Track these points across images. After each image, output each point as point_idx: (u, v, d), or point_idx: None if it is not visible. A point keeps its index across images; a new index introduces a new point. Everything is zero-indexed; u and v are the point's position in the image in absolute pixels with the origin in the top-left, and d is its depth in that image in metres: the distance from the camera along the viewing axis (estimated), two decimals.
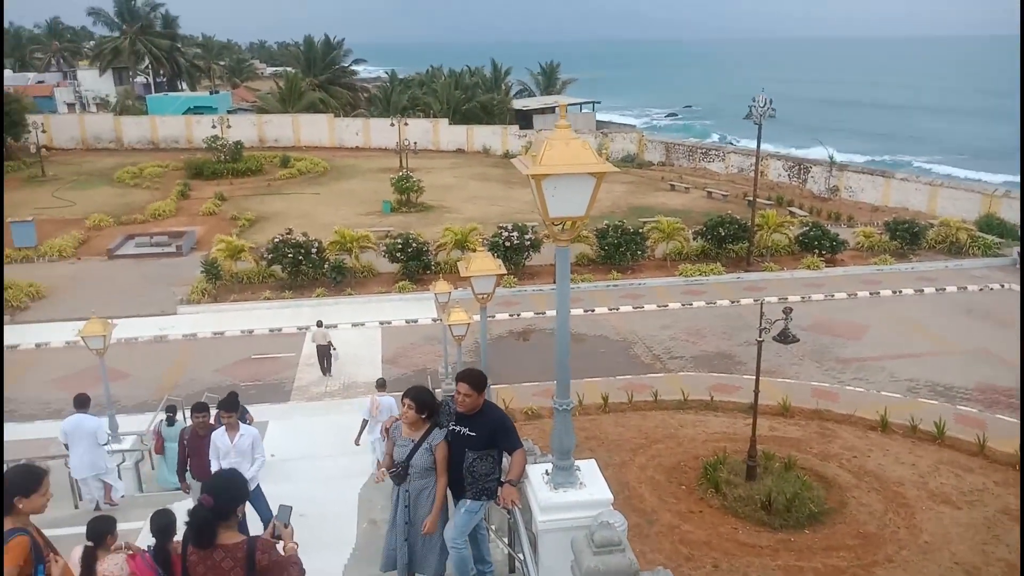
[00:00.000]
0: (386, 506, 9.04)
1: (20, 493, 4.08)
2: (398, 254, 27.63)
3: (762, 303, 14.70)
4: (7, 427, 17.61)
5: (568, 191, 4.50)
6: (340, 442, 15.63)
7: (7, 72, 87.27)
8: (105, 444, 11.26)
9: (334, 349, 21.13)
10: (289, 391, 20.26)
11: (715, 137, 69.39)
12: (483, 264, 9.48)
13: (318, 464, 13.47)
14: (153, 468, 13.15)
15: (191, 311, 25.44)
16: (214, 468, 8.24)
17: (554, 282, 18.64)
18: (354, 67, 77.74)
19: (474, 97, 62.95)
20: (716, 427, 17.63)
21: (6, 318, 24.64)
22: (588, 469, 5.40)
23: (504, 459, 5.92)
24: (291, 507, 4.69)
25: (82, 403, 11.14)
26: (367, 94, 75.28)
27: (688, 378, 20.27)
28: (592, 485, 5.27)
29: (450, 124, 58.86)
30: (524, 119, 60.73)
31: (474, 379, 5.81)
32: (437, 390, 15.34)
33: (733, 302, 26.12)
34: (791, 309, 14.41)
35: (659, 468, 15.66)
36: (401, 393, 6.28)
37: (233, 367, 21.73)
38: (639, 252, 28.87)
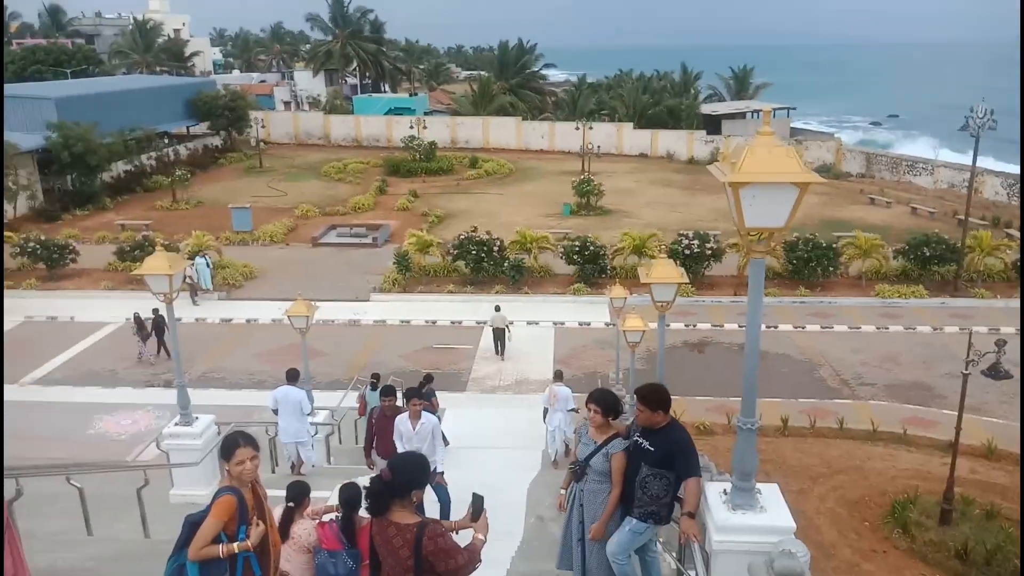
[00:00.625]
0: (554, 503, 9.16)
1: (223, 458, 4.52)
2: (575, 256, 27.85)
3: (970, 332, 13.41)
4: (217, 392, 19.67)
5: (768, 201, 4.34)
6: (510, 435, 16.04)
7: (235, 72, 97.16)
8: (308, 415, 12.32)
9: (510, 332, 21.90)
10: (465, 381, 21.03)
11: (921, 149, 63.84)
12: (665, 271, 9.34)
13: (489, 454, 13.86)
14: (342, 441, 14.15)
15: (382, 299, 27.08)
16: (399, 450, 8.70)
17: (734, 294, 18.18)
18: (544, 71, 79.21)
19: (661, 101, 62.12)
20: (907, 463, 16.27)
21: (225, 294, 27.43)
22: (770, 493, 5.18)
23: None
24: (483, 497, 4.75)
25: (292, 377, 12.41)
26: (554, 98, 76.48)
27: (879, 407, 18.87)
28: (773, 510, 5.05)
29: (634, 128, 58.45)
30: (712, 124, 59.10)
31: (648, 395, 5.72)
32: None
33: (935, 329, 23.98)
34: (1005, 342, 13.03)
35: (841, 501, 14.71)
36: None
37: (416, 354, 22.86)
38: (831, 268, 27.23)
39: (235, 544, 4.33)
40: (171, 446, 9.10)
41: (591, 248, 27.80)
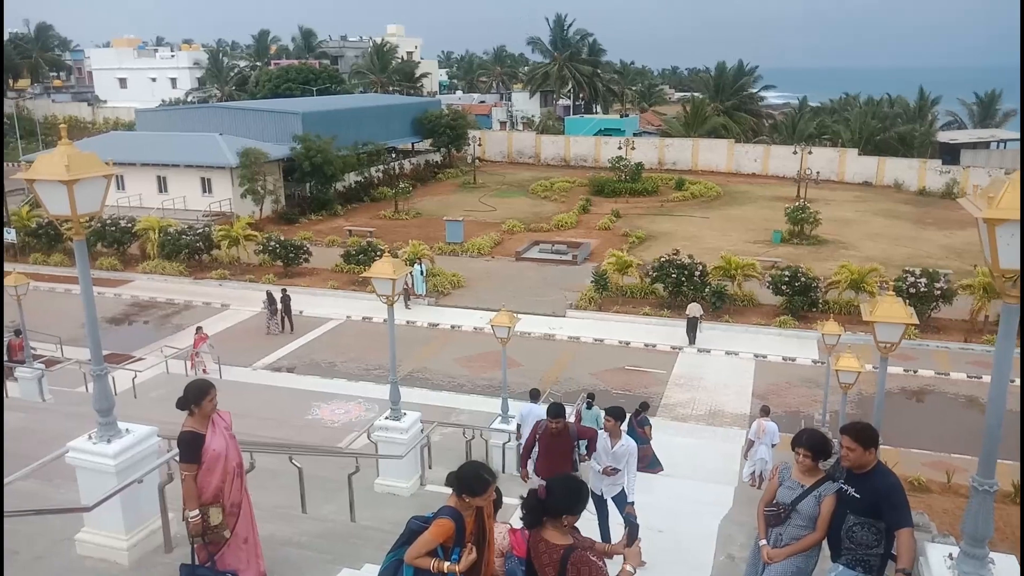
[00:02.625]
0: (746, 544, 8.72)
1: (467, 492, 4.57)
2: (783, 287, 26.47)
3: None
4: (421, 392, 20.77)
5: None
6: (701, 467, 15.51)
7: (458, 92, 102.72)
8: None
9: (701, 324, 24.63)
10: (656, 407, 20.62)
11: None
12: (891, 310, 8.60)
13: (677, 484, 13.49)
14: None
15: (578, 316, 27.33)
16: (595, 466, 8.70)
17: (964, 340, 16.45)
18: (762, 93, 76.32)
19: (892, 127, 57.65)
20: None
21: (434, 300, 29.00)
22: (1006, 566, 4.60)
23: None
24: (639, 526, 4.65)
25: (535, 396, 13.71)
26: (771, 121, 73.46)
27: None
28: None
29: (859, 155, 54.65)
30: (949, 153, 53.86)
31: (860, 433, 5.33)
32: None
33: None
34: None
35: None
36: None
37: (607, 373, 22.81)
38: None
39: (445, 564, 4.51)
40: (380, 438, 9.73)
41: (802, 279, 26.29)
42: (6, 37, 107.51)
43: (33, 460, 8.74)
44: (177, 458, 6.53)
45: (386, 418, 9.83)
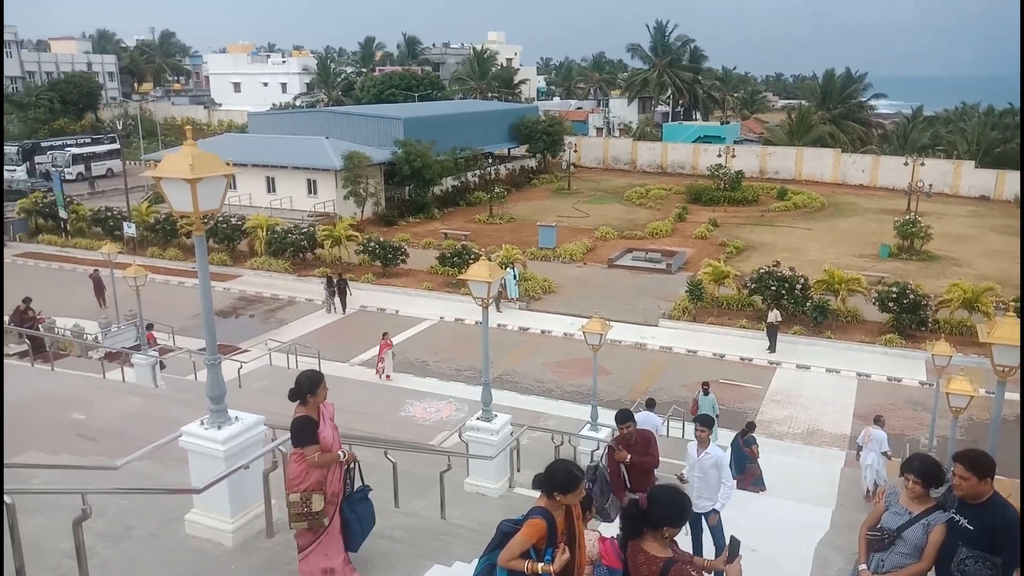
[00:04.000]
0: (844, 569, 8.40)
1: (558, 489, 4.56)
2: (890, 303, 25.29)
3: None
4: (510, 395, 20.90)
5: None
6: (797, 486, 15.01)
7: (555, 99, 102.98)
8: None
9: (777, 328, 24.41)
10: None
11: None
12: (1012, 332, 8.08)
13: (773, 502, 13.10)
14: None
15: (670, 325, 26.91)
16: (687, 474, 8.58)
17: None
18: (872, 102, 73.22)
19: (1013, 139, 54.20)
20: None
21: (524, 304, 29.15)
22: None
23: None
24: (740, 542, 4.53)
25: (651, 404, 14.92)
26: (881, 130, 70.44)
27: None
28: None
29: (976, 167, 51.68)
30: None
31: (975, 462, 5.03)
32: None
33: None
34: None
35: None
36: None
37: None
38: None
39: (539, 564, 4.51)
40: (471, 438, 9.87)
41: (911, 296, 25.06)
42: (133, 44, 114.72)
43: (147, 442, 9.28)
44: (282, 447, 6.84)
45: (477, 419, 9.96)
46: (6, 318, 21.08)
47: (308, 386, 5.84)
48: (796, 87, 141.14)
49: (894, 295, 25.24)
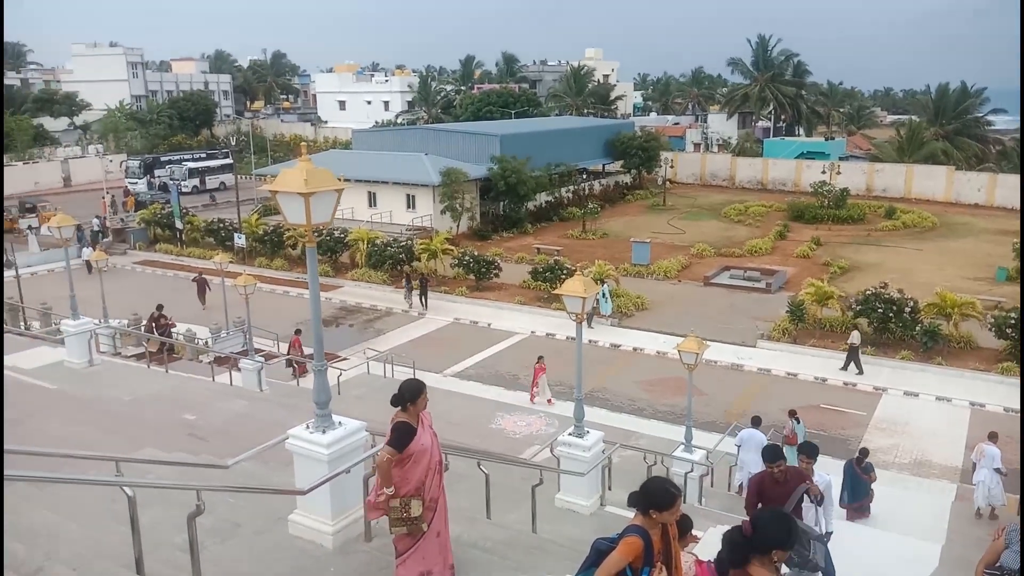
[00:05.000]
0: None
1: (654, 507, 4.53)
2: (1008, 330, 23.79)
3: None
4: (600, 412, 20.76)
5: None
6: (903, 520, 14.30)
7: (652, 114, 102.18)
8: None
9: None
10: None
11: None
12: None
13: (877, 535, 12.50)
14: (714, 484, 14.00)
15: (769, 347, 26.13)
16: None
17: None
18: (990, 116, 69.32)
19: None
20: None
21: (616, 320, 28.93)
22: None
23: None
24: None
25: (756, 422, 15.29)
26: (999, 147, 66.49)
27: None
28: None
29: None
30: None
31: None
32: None
33: None
34: None
35: None
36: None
37: (800, 411, 21.56)
38: None
39: None
40: (563, 453, 9.87)
41: None
42: (247, 64, 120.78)
43: (253, 443, 9.70)
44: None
45: (569, 434, 9.95)
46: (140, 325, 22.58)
47: (410, 394, 6.00)
48: (906, 102, 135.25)
49: (1012, 321, 23.74)
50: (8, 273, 29.52)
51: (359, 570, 6.47)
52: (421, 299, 31.29)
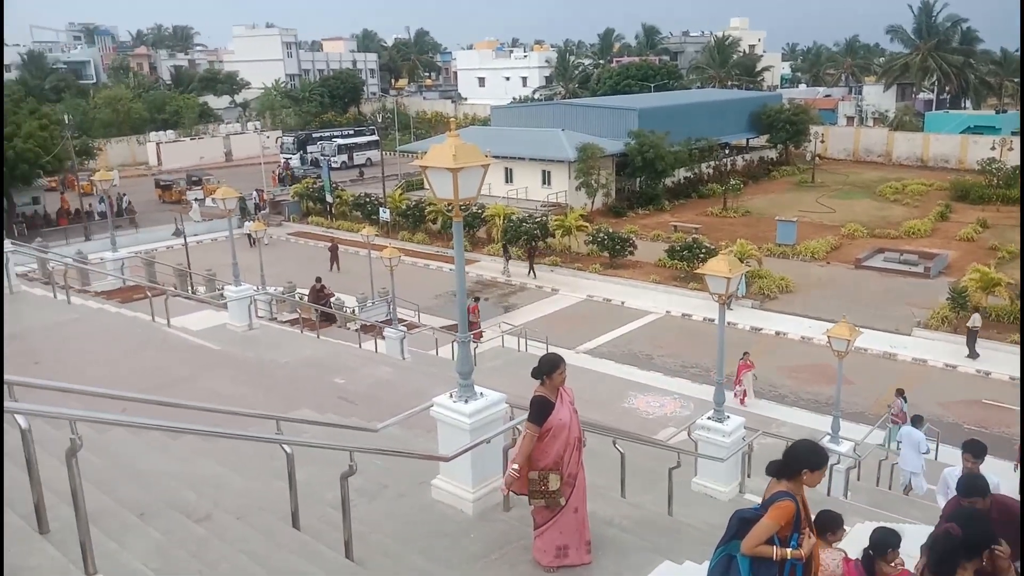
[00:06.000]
0: None
1: (807, 467, 4.41)
2: None
3: None
4: (773, 407, 20.14)
5: None
6: None
7: (801, 86, 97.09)
8: (924, 453, 14.32)
9: None
10: (1015, 449, 17.69)
11: None
12: None
13: None
14: (861, 477, 13.25)
15: (927, 336, 24.41)
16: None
17: None
18: None
19: None
20: None
21: (758, 303, 27.90)
22: None
23: None
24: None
25: (917, 420, 14.82)
26: None
27: None
28: None
29: None
30: None
31: None
32: None
33: None
34: None
35: None
36: None
37: (959, 406, 20.10)
38: None
39: (788, 550, 4.35)
40: (701, 437, 9.65)
41: None
42: (391, 43, 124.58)
43: (397, 409, 10.08)
44: (520, 426, 7.13)
45: (708, 418, 9.70)
46: (294, 295, 24.05)
47: (547, 367, 6.02)
48: None
49: None
50: (177, 241, 32.14)
51: (498, 538, 6.61)
52: (530, 269, 32.45)
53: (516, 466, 5.91)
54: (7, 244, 13.68)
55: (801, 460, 4.41)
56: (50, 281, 15.16)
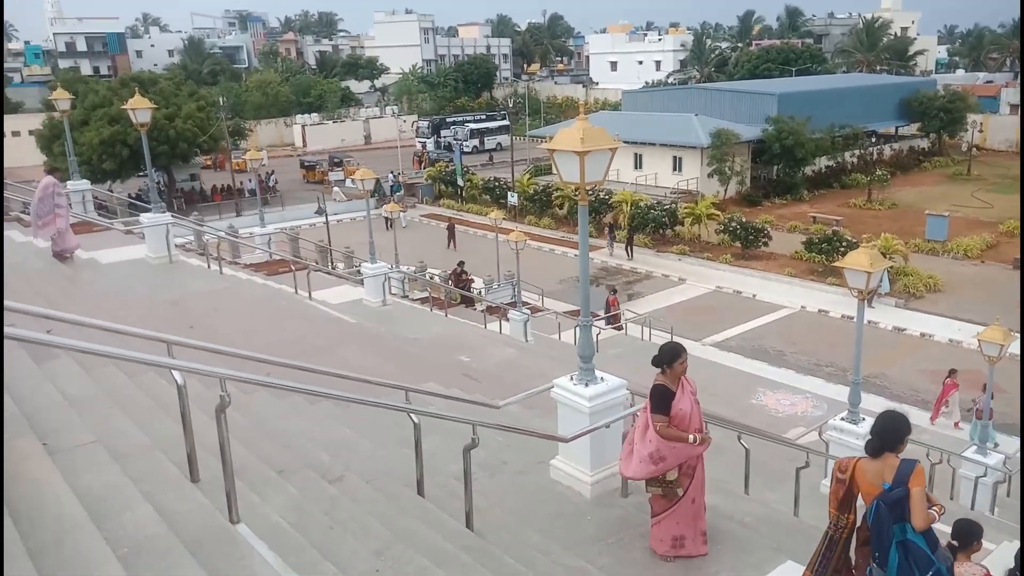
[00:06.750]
0: None
1: (908, 434, 4.80)
2: None
3: None
4: (876, 399, 19.08)
5: None
6: None
7: (959, 71, 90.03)
8: None
9: None
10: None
11: None
12: None
13: None
14: (1010, 493, 12.33)
15: None
16: None
17: None
18: None
19: None
20: None
21: (902, 301, 26.26)
22: None
23: None
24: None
25: None
26: None
27: None
28: None
29: None
30: None
31: None
32: None
33: None
34: None
35: None
36: None
37: None
38: None
39: (934, 510, 4.62)
40: (832, 438, 9.23)
41: None
42: (525, 27, 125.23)
43: (518, 388, 10.23)
44: (638, 412, 7.07)
45: (842, 419, 9.25)
46: (429, 276, 24.90)
47: (667, 356, 5.92)
48: None
49: None
50: (319, 219, 33.77)
51: (614, 523, 6.60)
52: (627, 249, 32.61)
53: (692, 437, 5.82)
54: (167, 216, 14.83)
55: (902, 431, 4.75)
56: (204, 252, 16.31)
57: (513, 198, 39.82)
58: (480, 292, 24.63)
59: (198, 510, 4.58)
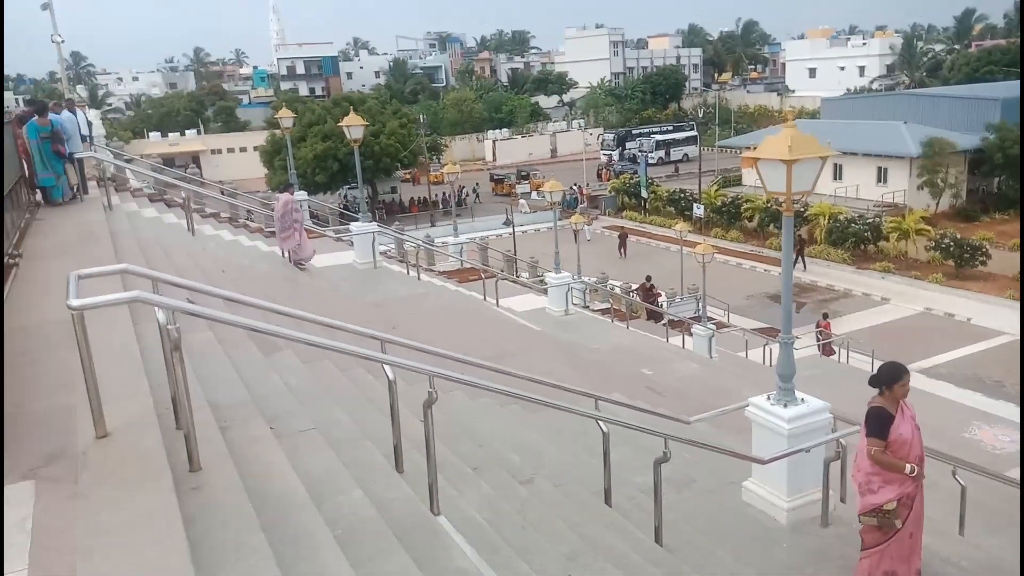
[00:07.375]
0: None
1: None
2: None
3: None
4: None
5: None
6: None
7: None
8: None
9: None
10: None
11: None
12: None
13: None
14: None
15: None
16: None
17: None
18: None
19: None
20: None
21: None
22: None
23: None
24: None
25: None
26: None
27: None
28: None
29: None
30: None
31: None
32: None
33: None
34: None
35: None
36: None
37: None
38: None
39: None
40: None
41: None
42: (717, 36, 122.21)
43: (703, 405, 9.97)
44: (844, 440, 6.66)
45: None
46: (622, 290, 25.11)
47: (887, 377, 5.55)
48: None
49: None
50: (506, 230, 34.83)
51: (813, 553, 6.26)
52: (800, 262, 31.25)
53: (909, 467, 5.46)
54: (373, 225, 15.94)
55: None
56: (404, 260, 17.37)
57: (699, 210, 38.86)
58: (663, 305, 24.26)
59: (404, 499, 4.87)
